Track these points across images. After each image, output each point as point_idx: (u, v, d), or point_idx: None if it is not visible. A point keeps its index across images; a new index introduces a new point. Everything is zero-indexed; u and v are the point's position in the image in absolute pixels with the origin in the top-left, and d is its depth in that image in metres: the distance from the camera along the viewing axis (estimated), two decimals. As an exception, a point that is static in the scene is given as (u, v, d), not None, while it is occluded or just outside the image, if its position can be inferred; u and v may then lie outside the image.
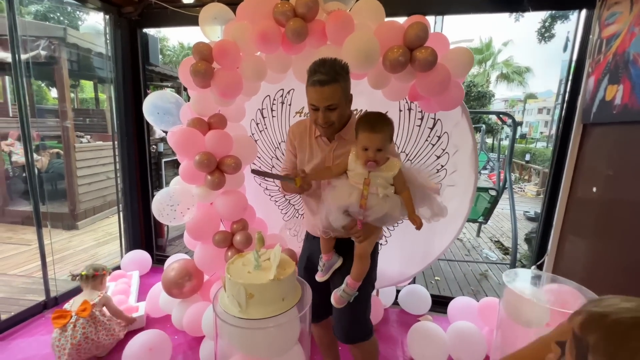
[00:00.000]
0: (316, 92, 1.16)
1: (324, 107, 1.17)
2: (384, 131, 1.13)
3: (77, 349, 1.68)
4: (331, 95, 1.16)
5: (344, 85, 1.20)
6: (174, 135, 1.80)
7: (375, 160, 1.13)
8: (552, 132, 16.32)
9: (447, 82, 1.50)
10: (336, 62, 1.18)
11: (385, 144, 1.13)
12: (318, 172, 1.30)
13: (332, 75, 1.14)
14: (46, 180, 4.68)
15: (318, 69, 1.15)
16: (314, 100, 1.19)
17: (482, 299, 2.12)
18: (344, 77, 1.18)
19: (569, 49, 2.09)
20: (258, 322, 0.84)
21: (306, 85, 1.21)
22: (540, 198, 8.50)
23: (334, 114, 1.20)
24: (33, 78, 8.05)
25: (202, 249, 1.94)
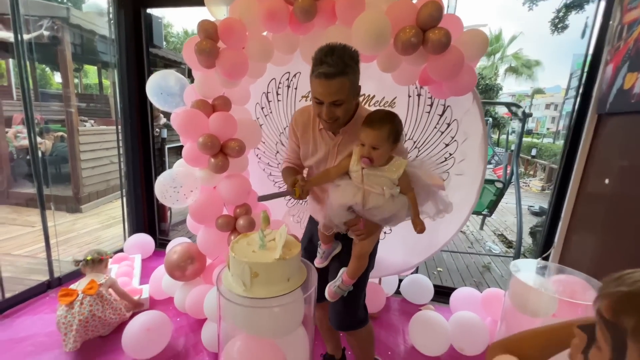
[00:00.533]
0: (321, 85, 1.06)
1: (329, 102, 1.08)
2: (382, 129, 1.08)
3: (84, 325, 1.69)
4: (338, 89, 1.05)
5: (353, 78, 1.09)
6: (178, 116, 1.77)
7: (370, 157, 1.09)
8: (559, 128, 16.09)
9: (460, 66, 1.44)
10: (345, 51, 1.06)
11: (381, 142, 1.08)
12: (318, 178, 1.25)
13: (340, 67, 1.02)
14: (50, 164, 4.69)
15: (325, 59, 1.03)
16: (318, 94, 1.09)
17: (486, 289, 2.11)
18: (353, 68, 1.07)
19: (587, 36, 2.01)
20: (262, 302, 0.82)
21: (310, 75, 1.10)
22: (545, 193, 8.44)
23: (340, 109, 1.11)
24: (37, 61, 8.02)
25: (205, 232, 1.93)
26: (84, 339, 1.71)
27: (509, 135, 8.72)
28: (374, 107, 1.95)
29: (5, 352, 1.71)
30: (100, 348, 1.76)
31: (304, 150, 1.34)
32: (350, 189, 1.15)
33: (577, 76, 8.44)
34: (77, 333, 1.66)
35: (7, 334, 1.84)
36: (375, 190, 1.13)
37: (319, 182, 1.25)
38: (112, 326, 1.84)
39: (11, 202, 3.99)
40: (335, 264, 1.36)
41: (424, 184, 1.18)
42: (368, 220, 1.18)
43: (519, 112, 3.35)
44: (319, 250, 1.37)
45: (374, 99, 1.95)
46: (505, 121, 11.91)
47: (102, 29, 4.52)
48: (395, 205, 1.14)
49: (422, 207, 1.22)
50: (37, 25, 3.66)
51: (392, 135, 1.10)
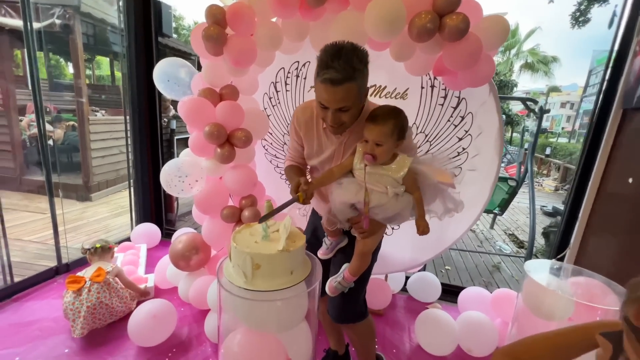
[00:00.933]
0: (327, 92, 0.98)
1: (335, 109, 1.02)
2: (385, 124, 1.03)
3: (92, 312, 1.70)
4: (345, 96, 0.99)
5: (361, 82, 1.01)
6: (184, 104, 1.74)
7: (373, 154, 1.05)
8: (575, 127, 15.59)
9: (477, 54, 1.37)
10: (355, 54, 0.97)
11: (385, 138, 1.04)
12: (322, 180, 1.19)
13: (348, 72, 0.95)
14: (62, 152, 4.76)
15: (331, 63, 0.95)
16: (323, 100, 1.02)
17: (497, 290, 2.04)
18: (361, 72, 0.99)
19: (613, 29, 1.90)
20: (264, 294, 0.78)
21: (315, 78, 1.02)
22: (559, 194, 8.22)
23: (346, 115, 1.05)
24: (51, 52, 8.14)
25: (209, 223, 1.91)
26: (91, 327, 1.72)
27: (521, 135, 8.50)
28: (385, 98, 1.89)
29: (13, 335, 1.73)
30: (106, 335, 1.77)
31: (308, 150, 1.29)
32: (353, 187, 1.11)
33: (596, 73, 8.14)
34: (85, 320, 1.67)
35: (15, 317, 1.87)
36: (378, 189, 1.10)
37: (322, 184, 1.19)
38: (119, 315, 1.84)
39: (23, 189, 4.07)
40: (339, 256, 1.33)
41: (431, 182, 1.13)
42: (371, 218, 1.13)
43: (535, 108, 3.23)
44: (325, 242, 1.34)
45: (385, 90, 1.89)
46: (520, 119, 11.61)
47: (113, 18, 4.53)
48: (399, 204, 1.10)
49: (430, 206, 1.17)
50: (49, 13, 3.67)
51: (396, 131, 1.05)
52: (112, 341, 1.74)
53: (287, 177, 1.32)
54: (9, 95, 4.02)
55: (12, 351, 1.62)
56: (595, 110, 2.00)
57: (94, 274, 1.77)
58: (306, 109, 1.25)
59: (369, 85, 1.87)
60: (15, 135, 4.12)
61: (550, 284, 1.37)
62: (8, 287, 2.04)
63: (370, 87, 1.89)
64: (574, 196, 2.12)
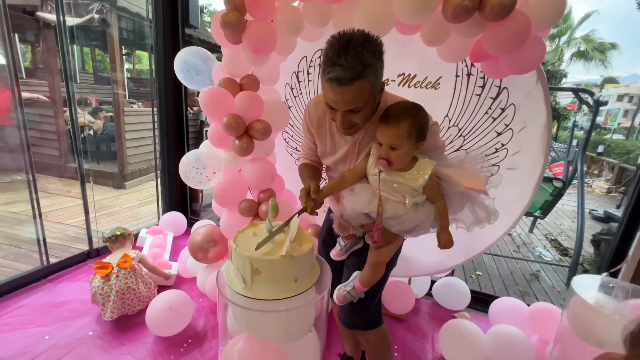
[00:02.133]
0: (334, 92, 0.85)
1: (345, 111, 0.90)
2: (399, 125, 0.89)
3: (121, 297, 1.75)
4: (354, 97, 0.86)
5: (374, 78, 0.86)
6: (204, 95, 1.71)
7: (387, 159, 0.92)
8: (635, 122, 13.95)
9: (524, 36, 1.18)
10: (366, 47, 0.82)
11: (400, 141, 0.90)
12: (333, 187, 1.07)
13: (357, 69, 0.81)
14: (101, 142, 5.05)
15: (337, 60, 0.81)
16: (330, 101, 0.90)
17: (535, 303, 1.83)
18: (374, 67, 0.84)
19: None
20: (263, 304, 0.71)
21: (321, 75, 0.89)
22: (612, 197, 7.42)
23: (357, 116, 0.92)
24: (97, 48, 8.67)
25: (228, 216, 1.89)
26: (121, 312, 1.77)
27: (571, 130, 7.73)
28: (414, 88, 1.73)
29: (45, 314, 1.83)
30: (127, 322, 1.82)
31: (321, 149, 1.18)
32: (366, 194, 1.00)
33: (664, 61, 7.11)
34: (115, 304, 1.73)
35: (48, 297, 1.98)
36: (394, 198, 0.97)
37: (334, 191, 1.07)
38: (146, 302, 1.85)
39: (67, 176, 4.38)
40: (353, 259, 1.23)
41: (459, 189, 0.98)
42: (385, 229, 1.02)
43: (590, 100, 2.86)
44: (340, 243, 1.25)
45: (414, 79, 1.73)
46: (568, 113, 10.60)
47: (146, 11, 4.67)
48: (418, 216, 0.97)
49: (456, 215, 1.03)
50: (89, 9, 3.85)
51: (413, 132, 0.91)
52: (133, 328, 1.78)
53: (300, 178, 1.22)
54: (54, 87, 4.30)
55: (42, 329, 1.71)
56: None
57: (121, 260, 1.82)
58: (319, 104, 1.12)
59: (398, 73, 1.75)
60: (60, 125, 4.42)
61: (602, 304, 1.17)
62: (44, 268, 2.16)
63: (398, 75, 1.74)
64: (635, 200, 1.84)
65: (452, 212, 1.03)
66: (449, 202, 1.01)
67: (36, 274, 2.10)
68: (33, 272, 2.09)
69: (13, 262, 2.50)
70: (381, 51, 0.88)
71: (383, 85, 0.97)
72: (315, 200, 0.98)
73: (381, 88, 0.96)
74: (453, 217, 1.05)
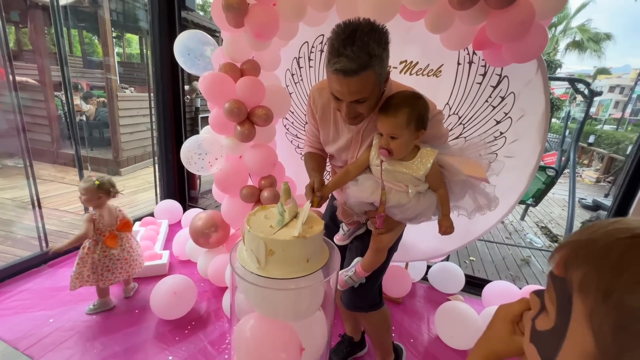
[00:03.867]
0: (340, 83, 0.86)
1: (350, 101, 0.91)
2: (398, 115, 0.90)
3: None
4: (360, 87, 0.86)
5: (379, 70, 0.86)
6: (204, 80, 1.69)
7: (388, 149, 0.93)
8: (625, 114, 14.16)
9: (528, 24, 1.20)
10: (372, 37, 0.81)
11: (399, 130, 0.91)
12: (338, 181, 1.09)
13: (363, 60, 0.80)
14: (93, 127, 4.95)
15: (343, 51, 0.80)
16: (336, 92, 0.90)
17: (527, 286, 1.91)
18: (379, 57, 0.84)
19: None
20: (276, 282, 0.74)
21: (326, 65, 0.89)
22: (600, 186, 7.61)
23: (363, 107, 0.93)
24: (85, 30, 8.37)
25: (229, 202, 1.90)
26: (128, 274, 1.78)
27: (564, 120, 7.83)
28: (416, 76, 1.74)
29: (48, 298, 1.85)
30: (131, 305, 1.85)
31: (324, 136, 1.19)
32: (370, 184, 1.02)
33: (657, 52, 7.16)
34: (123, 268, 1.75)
35: (50, 282, 1.99)
36: (397, 188, 0.99)
37: (338, 185, 1.09)
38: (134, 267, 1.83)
39: (60, 162, 4.30)
40: (356, 243, 1.27)
41: (460, 177, 1.00)
42: (388, 216, 1.05)
43: (585, 91, 2.90)
44: (343, 228, 1.28)
45: (416, 66, 1.73)
46: (561, 103, 10.70)
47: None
48: (420, 204, 1.00)
49: (458, 202, 1.06)
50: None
51: (412, 121, 0.92)
52: (137, 311, 1.81)
53: (305, 168, 1.24)
54: (44, 70, 4.17)
55: (46, 313, 1.73)
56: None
57: (121, 224, 1.79)
58: (323, 89, 1.10)
59: (400, 60, 1.75)
60: (51, 109, 4.31)
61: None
62: (44, 254, 2.16)
63: (400, 63, 1.75)
64: (625, 189, 1.91)
65: (453, 200, 1.06)
66: (450, 190, 1.04)
67: (36, 260, 2.10)
68: (32, 257, 2.10)
69: (11, 247, 2.49)
70: (387, 41, 0.87)
71: (388, 75, 0.96)
72: (322, 196, 1.00)
73: (386, 77, 0.96)
74: (455, 204, 1.08)
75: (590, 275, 0.33)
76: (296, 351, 0.84)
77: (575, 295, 0.34)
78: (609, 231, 0.34)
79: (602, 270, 0.32)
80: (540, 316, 0.40)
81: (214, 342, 1.64)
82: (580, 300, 0.33)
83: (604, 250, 0.33)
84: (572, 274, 0.34)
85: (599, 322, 0.31)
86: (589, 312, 0.32)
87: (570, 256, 0.36)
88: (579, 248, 0.35)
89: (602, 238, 0.34)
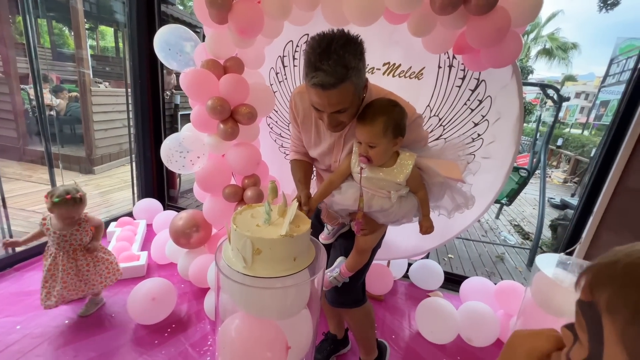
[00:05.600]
0: (319, 96, 0.87)
1: (331, 112, 0.92)
2: (374, 124, 0.92)
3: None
4: (340, 99, 0.88)
5: (357, 80, 0.88)
6: (186, 76, 1.65)
7: (367, 157, 0.95)
8: (590, 119, 15.09)
9: (505, 31, 1.25)
10: (347, 49, 0.83)
11: (377, 139, 0.93)
12: (323, 192, 1.10)
13: (340, 73, 0.82)
14: (64, 123, 4.70)
15: (320, 65, 0.81)
16: (316, 104, 0.92)
17: (501, 281, 2.00)
18: (356, 68, 0.85)
19: None
20: (264, 281, 0.73)
21: (304, 79, 0.90)
22: (567, 186, 8.07)
23: (344, 115, 0.94)
24: (54, 20, 7.91)
25: (211, 201, 1.86)
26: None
27: (534, 124, 8.23)
28: (399, 77, 1.77)
29: (15, 303, 1.74)
30: (108, 309, 1.77)
31: (306, 140, 1.20)
32: (352, 192, 1.04)
33: (618, 62, 7.77)
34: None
35: (17, 286, 1.87)
36: (379, 194, 1.02)
37: (324, 196, 1.10)
38: None
39: (27, 159, 4.05)
40: (341, 241, 1.29)
41: (439, 179, 1.04)
42: (370, 219, 1.08)
43: (554, 96, 3.07)
44: (327, 228, 1.30)
45: (399, 68, 1.77)
46: (532, 107, 11.25)
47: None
48: (402, 208, 1.03)
49: (438, 202, 1.10)
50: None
51: (389, 129, 0.93)
52: (113, 315, 1.74)
53: (292, 178, 1.24)
54: (9, 61, 3.91)
55: (13, 319, 1.63)
56: (623, 99, 1.87)
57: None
58: (304, 94, 1.09)
59: (383, 62, 1.78)
60: (17, 103, 4.05)
61: (561, 278, 1.32)
62: (10, 257, 2.03)
63: (384, 64, 1.78)
64: (590, 189, 2.03)
65: (433, 201, 1.10)
66: (430, 192, 1.07)
67: (1, 263, 1.97)
68: (-3, 260, 1.97)
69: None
70: (362, 51, 0.88)
71: (366, 82, 0.98)
72: (308, 209, 1.01)
73: (365, 84, 0.98)
74: (434, 204, 1.12)
75: (617, 295, 0.33)
76: (282, 350, 0.84)
77: (605, 316, 0.34)
78: (629, 252, 0.35)
79: (628, 289, 0.32)
80: (574, 348, 0.40)
81: (195, 345, 1.61)
82: (609, 321, 0.33)
83: (627, 270, 0.33)
84: (599, 296, 0.35)
85: (632, 341, 0.31)
86: (621, 332, 0.32)
87: (595, 279, 0.36)
88: (602, 270, 0.36)
89: (623, 259, 0.35)
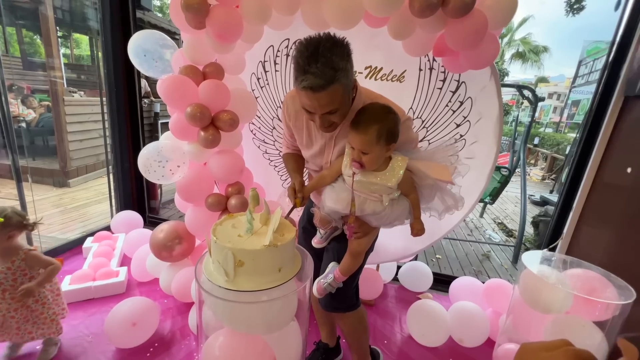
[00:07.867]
0: (309, 99, 0.89)
1: (322, 114, 0.94)
2: (368, 132, 0.92)
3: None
4: (330, 100, 0.89)
5: (346, 81, 0.90)
6: (164, 83, 1.59)
7: (360, 162, 0.95)
8: (563, 118, 15.81)
9: (482, 33, 1.27)
10: (334, 52, 0.84)
11: (370, 146, 0.93)
12: (315, 184, 1.13)
13: (329, 75, 0.84)
14: (36, 135, 4.48)
15: (309, 68, 0.83)
16: (307, 106, 0.94)
17: (489, 280, 2.01)
18: (344, 70, 0.87)
19: (621, 7, 1.82)
20: (248, 295, 0.69)
21: (294, 82, 0.92)
22: (545, 183, 8.35)
23: (335, 116, 0.96)
24: (24, 28, 7.59)
25: (193, 211, 1.80)
26: None
27: (512, 124, 8.52)
28: (381, 81, 1.78)
29: None
30: (85, 330, 1.66)
31: (298, 141, 1.21)
32: (345, 196, 1.03)
33: (586, 64, 8.15)
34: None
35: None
36: (372, 198, 1.02)
37: (316, 188, 1.14)
38: None
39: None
40: (334, 244, 1.28)
41: (429, 181, 1.04)
42: (363, 222, 1.08)
43: (530, 96, 3.18)
44: (320, 231, 1.27)
45: (380, 71, 1.77)
46: (510, 108, 11.67)
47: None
48: (395, 211, 1.03)
49: (428, 204, 1.11)
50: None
51: (383, 137, 0.94)
52: (89, 337, 1.63)
53: (285, 166, 1.27)
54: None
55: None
56: (595, 98, 1.94)
57: None
58: (295, 97, 1.11)
59: (365, 65, 1.78)
60: (-17, 115, 3.82)
61: (547, 275, 1.33)
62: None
63: (365, 68, 1.78)
64: (568, 186, 2.09)
65: (424, 203, 1.10)
66: (421, 194, 1.07)
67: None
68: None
69: None
70: (349, 52, 0.90)
71: (355, 83, 1.01)
72: (302, 196, 1.04)
73: (354, 85, 0.99)
74: (425, 206, 1.11)
75: None
76: (270, 366, 0.80)
77: None
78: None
79: None
80: None
81: (180, 363, 1.53)
82: None
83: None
84: None
85: None
86: None
87: None
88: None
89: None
